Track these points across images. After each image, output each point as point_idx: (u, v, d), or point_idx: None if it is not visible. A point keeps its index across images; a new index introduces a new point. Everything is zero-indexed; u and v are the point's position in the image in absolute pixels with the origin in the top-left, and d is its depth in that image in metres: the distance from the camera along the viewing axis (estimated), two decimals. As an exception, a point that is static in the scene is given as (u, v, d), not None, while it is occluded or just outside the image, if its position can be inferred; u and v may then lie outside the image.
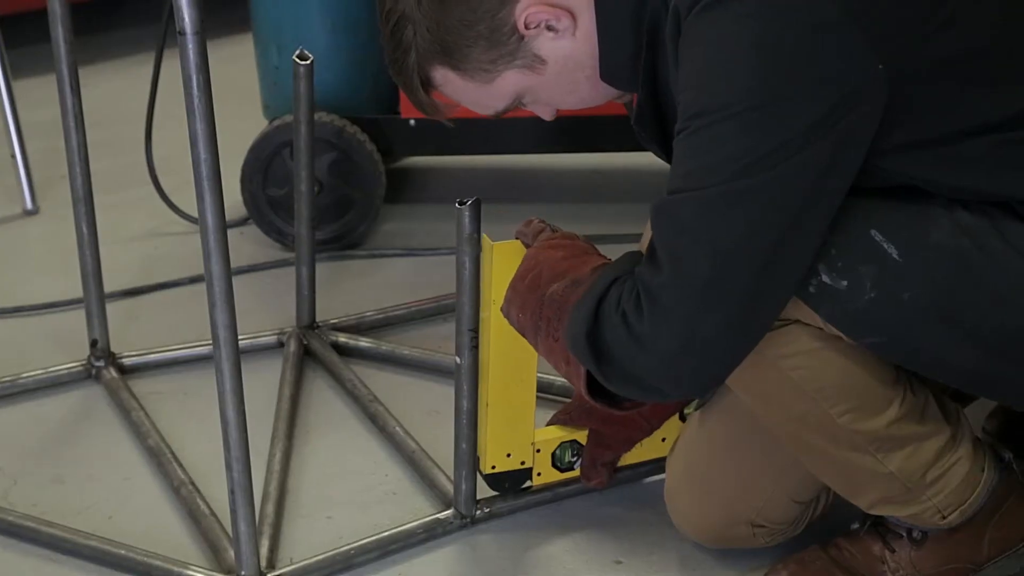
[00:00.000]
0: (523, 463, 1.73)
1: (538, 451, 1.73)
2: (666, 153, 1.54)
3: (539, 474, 1.76)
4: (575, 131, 2.55)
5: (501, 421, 1.68)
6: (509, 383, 1.67)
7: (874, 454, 1.48)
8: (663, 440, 1.78)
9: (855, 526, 1.64)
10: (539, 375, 2.05)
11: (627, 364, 1.38)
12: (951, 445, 1.51)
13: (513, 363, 1.66)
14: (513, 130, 2.54)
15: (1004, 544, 1.59)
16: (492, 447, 1.70)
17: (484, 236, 1.59)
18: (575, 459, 1.76)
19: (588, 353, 1.41)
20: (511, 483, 1.75)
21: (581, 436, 1.74)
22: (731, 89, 1.31)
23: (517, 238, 1.62)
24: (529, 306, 1.53)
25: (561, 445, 1.74)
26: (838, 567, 1.61)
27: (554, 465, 1.76)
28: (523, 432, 1.71)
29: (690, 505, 1.69)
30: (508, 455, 1.72)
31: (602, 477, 1.76)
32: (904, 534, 1.58)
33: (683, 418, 1.77)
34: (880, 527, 1.61)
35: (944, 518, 1.54)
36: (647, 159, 2.93)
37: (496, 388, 1.66)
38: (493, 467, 1.72)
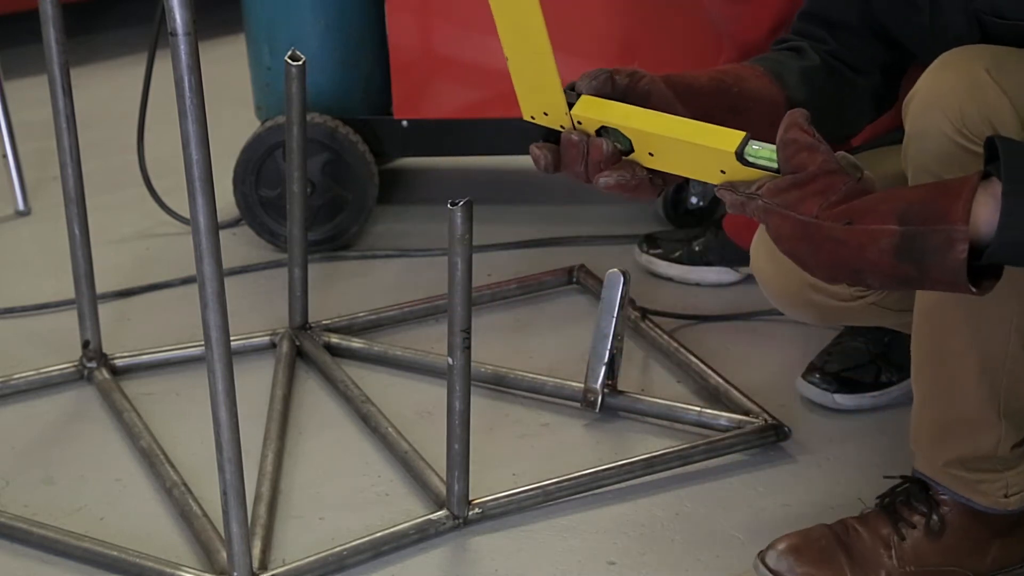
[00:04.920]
0: (562, 127, 1.56)
1: (579, 123, 1.55)
2: None
3: None
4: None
5: (526, 80, 1.53)
6: (521, 40, 1.48)
7: (1008, 389, 1.47)
8: (722, 172, 1.45)
9: (868, 509, 1.64)
10: (531, 375, 2.06)
11: None
12: None
13: (520, 21, 1.46)
14: (505, 131, 2.54)
15: (1006, 562, 1.60)
16: (525, 104, 1.56)
17: None
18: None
19: None
20: (553, 137, 1.58)
21: (626, 125, 1.52)
22: None
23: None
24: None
25: (603, 129, 1.54)
26: (840, 545, 1.59)
27: None
28: (552, 93, 1.53)
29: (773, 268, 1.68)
30: (545, 114, 1.56)
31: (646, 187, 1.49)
32: (923, 521, 1.58)
33: (743, 160, 1.41)
34: (894, 513, 1.60)
35: (1006, 496, 1.54)
36: (639, 160, 2.95)
37: (509, 46, 1.49)
38: (532, 117, 1.58)
